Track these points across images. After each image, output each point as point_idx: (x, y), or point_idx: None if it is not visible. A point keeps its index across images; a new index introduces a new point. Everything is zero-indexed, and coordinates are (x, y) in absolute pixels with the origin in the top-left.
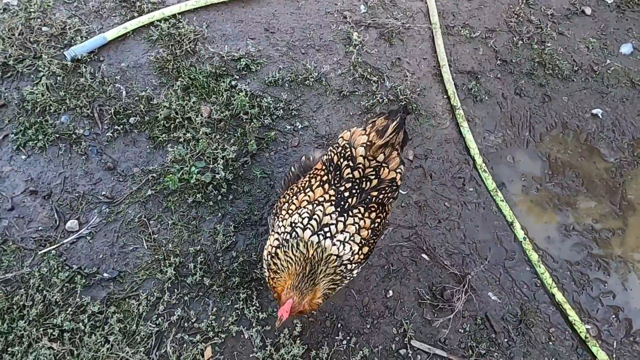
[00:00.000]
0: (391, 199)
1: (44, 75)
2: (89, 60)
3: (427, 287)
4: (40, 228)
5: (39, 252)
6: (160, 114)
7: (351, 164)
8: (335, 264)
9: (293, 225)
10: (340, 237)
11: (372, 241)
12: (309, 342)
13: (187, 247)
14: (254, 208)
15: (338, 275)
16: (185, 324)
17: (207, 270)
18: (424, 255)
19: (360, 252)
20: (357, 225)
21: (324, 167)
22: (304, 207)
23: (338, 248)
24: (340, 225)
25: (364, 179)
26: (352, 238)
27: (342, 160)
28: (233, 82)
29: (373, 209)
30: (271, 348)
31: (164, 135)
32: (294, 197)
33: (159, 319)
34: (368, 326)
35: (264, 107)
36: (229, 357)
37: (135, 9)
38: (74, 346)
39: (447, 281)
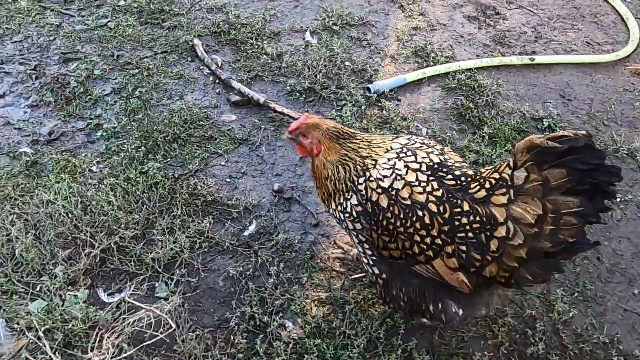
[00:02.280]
0: (461, 244)
1: (348, 102)
2: (388, 96)
3: None
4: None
5: (350, 277)
6: (469, 157)
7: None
8: (360, 167)
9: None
10: (399, 167)
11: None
12: None
13: (518, 308)
14: (585, 281)
15: (348, 175)
16: None
17: (550, 344)
18: None
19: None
20: (411, 186)
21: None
22: (445, 154)
23: (389, 170)
24: (413, 175)
25: (480, 180)
26: (396, 181)
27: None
28: None
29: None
30: None
31: None
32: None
33: None
34: None
35: None
36: None
37: (429, 59)
38: None
39: None
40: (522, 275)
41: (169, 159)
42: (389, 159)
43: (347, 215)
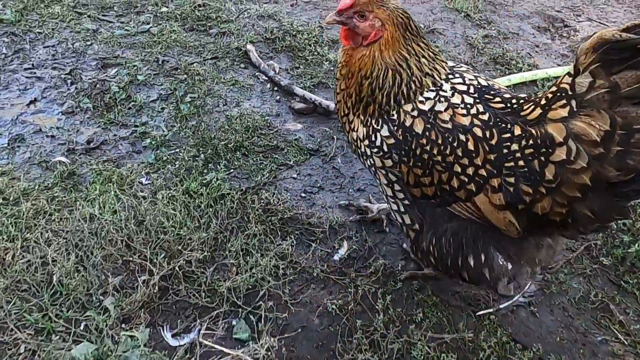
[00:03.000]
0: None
1: None
2: None
3: None
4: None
5: (475, 314)
6: None
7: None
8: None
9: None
10: (445, 89)
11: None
12: None
13: None
14: None
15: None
16: None
17: None
18: None
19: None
20: (453, 108)
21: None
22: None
23: (432, 92)
24: (458, 98)
25: (537, 100)
26: (438, 103)
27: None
28: None
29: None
30: None
31: None
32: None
33: None
34: None
35: None
36: None
37: (511, 67)
38: None
39: None
40: (582, 212)
41: (232, 170)
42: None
43: (375, 150)
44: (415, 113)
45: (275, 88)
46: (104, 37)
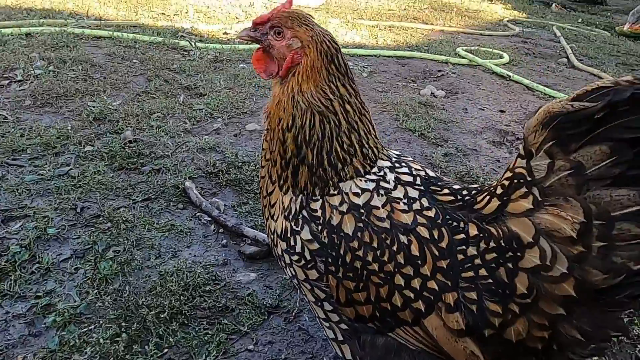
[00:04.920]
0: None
1: None
2: None
3: None
4: None
5: None
6: None
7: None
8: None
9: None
10: (389, 179)
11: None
12: None
13: None
14: None
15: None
16: None
17: None
18: None
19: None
20: (392, 203)
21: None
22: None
23: (372, 183)
24: (401, 191)
25: (489, 190)
26: (376, 196)
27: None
28: None
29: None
30: None
31: None
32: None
33: None
34: None
35: None
36: None
37: (478, 184)
38: None
39: None
40: (569, 336)
41: (166, 350)
42: (380, 168)
43: (295, 258)
44: (344, 208)
45: (221, 230)
46: (10, 185)
